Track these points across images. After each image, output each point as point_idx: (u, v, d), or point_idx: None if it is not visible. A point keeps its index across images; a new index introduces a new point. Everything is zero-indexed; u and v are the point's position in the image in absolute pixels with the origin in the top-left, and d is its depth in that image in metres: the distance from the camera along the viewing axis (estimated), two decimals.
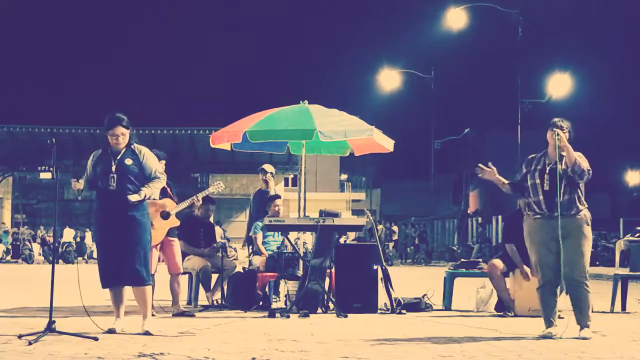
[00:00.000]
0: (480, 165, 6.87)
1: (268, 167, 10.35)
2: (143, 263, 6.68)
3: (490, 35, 40.71)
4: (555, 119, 6.71)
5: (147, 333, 6.53)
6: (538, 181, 6.64)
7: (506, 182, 6.90)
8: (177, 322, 7.54)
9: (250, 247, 10.09)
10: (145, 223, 6.78)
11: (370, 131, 9.51)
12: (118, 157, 6.72)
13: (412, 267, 28.19)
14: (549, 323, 6.64)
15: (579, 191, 6.62)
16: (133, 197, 6.62)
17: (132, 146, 6.79)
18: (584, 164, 6.53)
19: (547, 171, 6.61)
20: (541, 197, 6.62)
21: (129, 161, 6.71)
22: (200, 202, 8.98)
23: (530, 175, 6.71)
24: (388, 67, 38.27)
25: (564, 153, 6.56)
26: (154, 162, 6.87)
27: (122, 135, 6.73)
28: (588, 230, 6.62)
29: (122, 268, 6.65)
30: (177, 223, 8.40)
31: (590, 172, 6.55)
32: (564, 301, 6.80)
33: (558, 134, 6.53)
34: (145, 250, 6.72)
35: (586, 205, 6.65)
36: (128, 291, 6.85)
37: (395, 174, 57.24)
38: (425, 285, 10.00)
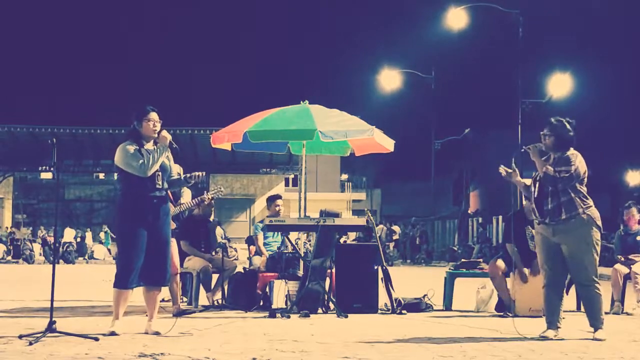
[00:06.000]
0: (502, 167, 6.98)
1: None
2: (169, 263, 6.75)
3: (490, 36, 40.73)
4: (551, 119, 6.83)
5: (157, 333, 6.50)
6: (533, 189, 6.83)
7: (528, 183, 7.01)
8: (177, 322, 7.52)
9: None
10: (170, 222, 6.82)
11: (371, 131, 9.51)
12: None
13: (413, 267, 28.17)
14: (549, 324, 6.64)
15: (570, 195, 6.59)
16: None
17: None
18: (551, 169, 6.59)
19: (537, 179, 6.80)
20: (533, 205, 6.80)
21: (166, 160, 6.65)
22: (205, 202, 8.94)
23: (532, 183, 6.88)
24: (388, 67, 38.25)
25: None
26: (174, 163, 6.87)
27: (159, 123, 6.62)
28: (589, 232, 6.57)
29: (152, 268, 6.57)
30: (172, 226, 8.38)
31: (566, 174, 6.55)
32: (566, 302, 6.81)
33: (529, 148, 6.77)
34: (170, 250, 6.82)
35: (585, 207, 6.60)
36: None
37: (395, 174, 57.26)
38: (426, 286, 10.00)
